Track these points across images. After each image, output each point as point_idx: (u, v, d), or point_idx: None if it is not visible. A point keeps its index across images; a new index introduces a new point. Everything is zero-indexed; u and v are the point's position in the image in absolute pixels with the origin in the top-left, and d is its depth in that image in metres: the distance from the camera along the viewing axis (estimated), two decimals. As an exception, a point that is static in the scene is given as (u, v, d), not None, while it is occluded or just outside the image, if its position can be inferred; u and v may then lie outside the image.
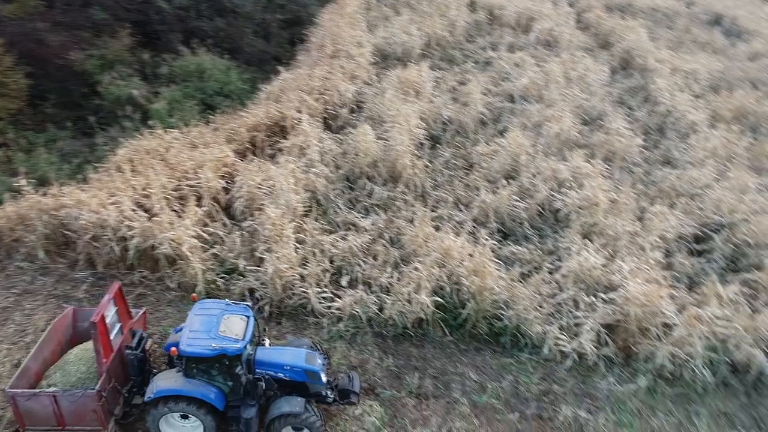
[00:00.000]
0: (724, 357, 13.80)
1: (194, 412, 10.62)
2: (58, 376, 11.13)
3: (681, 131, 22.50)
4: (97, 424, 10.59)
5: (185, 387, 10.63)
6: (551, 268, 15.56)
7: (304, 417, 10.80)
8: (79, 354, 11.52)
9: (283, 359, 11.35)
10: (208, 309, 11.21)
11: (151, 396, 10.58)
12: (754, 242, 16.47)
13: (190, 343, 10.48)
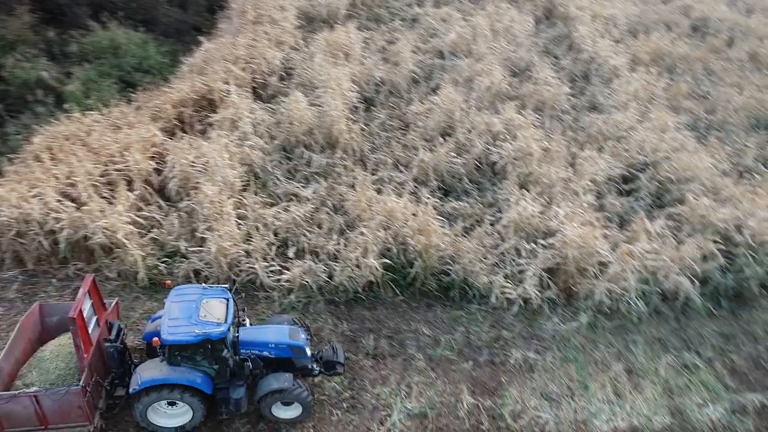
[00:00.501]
0: (654, 287, 14.82)
1: (182, 398, 10.54)
2: (34, 374, 10.70)
3: (604, 76, 23.27)
4: (82, 419, 10.35)
5: (171, 375, 10.47)
6: (492, 220, 16.01)
7: (293, 391, 10.93)
8: (55, 350, 11.09)
9: (268, 337, 11.37)
10: (186, 295, 10.98)
11: (136, 387, 10.37)
12: (676, 178, 17.50)
13: (171, 331, 10.26)
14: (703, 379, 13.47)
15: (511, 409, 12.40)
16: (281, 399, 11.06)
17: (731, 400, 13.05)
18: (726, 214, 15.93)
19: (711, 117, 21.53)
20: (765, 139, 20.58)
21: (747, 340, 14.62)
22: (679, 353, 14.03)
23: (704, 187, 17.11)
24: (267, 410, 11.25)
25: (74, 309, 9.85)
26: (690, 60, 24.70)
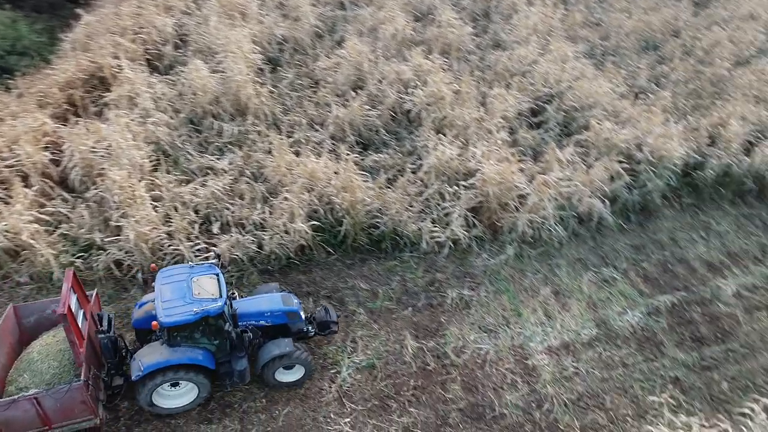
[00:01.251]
0: (570, 212, 15.73)
1: (186, 377, 10.55)
2: (26, 377, 10.32)
3: (504, 13, 23.65)
4: (87, 414, 10.17)
5: (173, 356, 10.40)
6: (414, 168, 16.20)
7: (294, 355, 11.20)
8: (43, 350, 10.69)
9: (262, 307, 11.56)
10: (174, 275, 10.87)
11: (140, 374, 10.23)
12: (579, 106, 18.34)
13: (168, 313, 10.15)
14: (620, 289, 14.64)
15: (453, 345, 12.97)
16: (283, 364, 11.29)
17: (647, 305, 14.33)
18: (627, 135, 16.96)
19: (605, 43, 22.55)
20: (654, 59, 21.87)
21: (655, 249, 15.96)
22: (598, 269, 15.12)
23: (606, 112, 18.07)
24: (270, 377, 11.43)
25: (63, 305, 9.59)
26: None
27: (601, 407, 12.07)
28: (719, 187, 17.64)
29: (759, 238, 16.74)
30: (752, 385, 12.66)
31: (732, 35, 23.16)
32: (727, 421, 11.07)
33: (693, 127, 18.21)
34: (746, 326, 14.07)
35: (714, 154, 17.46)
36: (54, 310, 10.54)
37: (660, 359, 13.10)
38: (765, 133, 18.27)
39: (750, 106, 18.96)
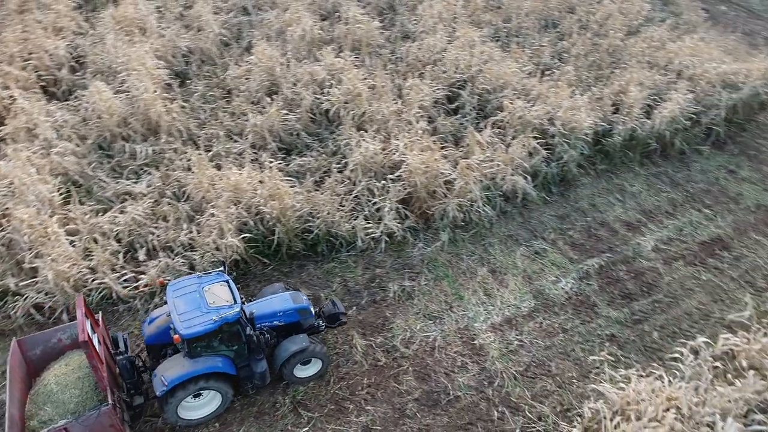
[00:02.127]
0: (496, 192, 16.23)
1: (209, 386, 10.62)
2: (49, 410, 10.13)
3: (409, 4, 23.94)
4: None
5: (195, 367, 10.43)
6: (339, 167, 16.16)
7: (310, 349, 11.42)
8: (60, 380, 10.48)
9: (274, 307, 11.70)
10: (185, 287, 10.82)
11: (165, 389, 10.22)
12: (492, 88, 18.89)
13: (187, 325, 10.14)
14: (551, 259, 15.28)
15: (401, 338, 13.10)
16: (301, 360, 11.50)
17: (577, 270, 15.03)
18: (538, 111, 17.64)
19: (508, 25, 23.29)
20: (555, 36, 22.85)
21: (578, 216, 16.76)
22: (529, 243, 15.71)
23: (516, 91, 18.70)
24: (290, 374, 11.62)
25: (82, 332, 9.50)
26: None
27: (548, 374, 12.57)
28: (627, 151, 18.74)
29: (668, 193, 17.94)
30: (679, 331, 13.59)
31: (621, 7, 24.58)
32: (660, 367, 11.81)
33: (597, 97, 19.21)
34: (667, 277, 15.06)
35: (619, 120, 18.51)
36: (60, 338, 10.83)
37: (595, 320, 13.80)
38: (661, 95, 19.54)
39: (645, 71, 20.24)
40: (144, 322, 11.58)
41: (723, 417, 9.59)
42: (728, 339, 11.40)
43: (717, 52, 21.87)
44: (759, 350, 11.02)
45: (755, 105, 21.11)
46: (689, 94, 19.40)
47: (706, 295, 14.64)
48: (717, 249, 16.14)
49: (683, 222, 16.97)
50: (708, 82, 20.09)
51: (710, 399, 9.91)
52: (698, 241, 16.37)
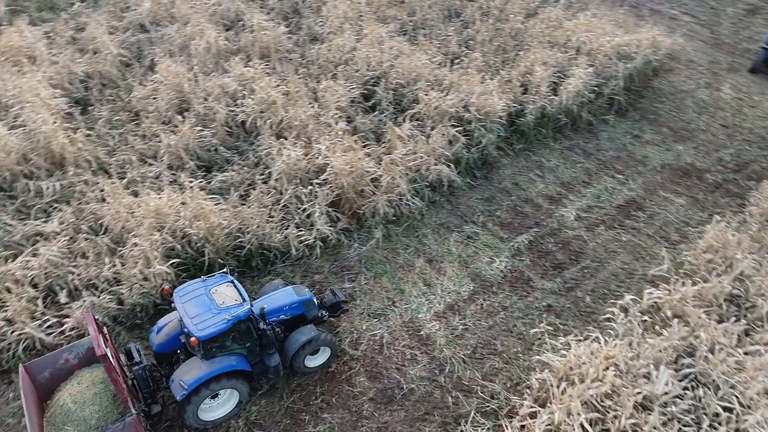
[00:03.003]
0: (423, 183, 16.46)
1: (227, 385, 10.75)
2: (70, 429, 10.03)
3: (313, 6, 23.85)
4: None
5: (212, 368, 10.52)
6: (264, 178, 15.85)
7: (320, 338, 11.68)
8: (77, 398, 10.38)
9: (280, 302, 11.87)
10: (192, 292, 10.91)
11: (185, 392, 10.30)
12: (405, 82, 19.14)
13: (201, 327, 10.25)
14: (483, 241, 15.71)
15: (348, 340, 13.05)
16: (311, 350, 11.73)
17: (509, 248, 15.54)
18: (453, 100, 18.05)
19: (413, 18, 23.69)
20: (459, 25, 23.46)
21: (503, 196, 17.32)
22: (461, 228, 16.06)
23: (430, 82, 19.06)
24: (301, 364, 11.86)
25: (98, 346, 9.48)
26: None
27: (494, 353, 12.94)
28: (540, 128, 19.56)
29: (582, 164, 18.89)
30: (608, 292, 14.36)
31: (517, -9, 25.59)
32: (596, 329, 12.45)
33: (506, 79, 19.90)
34: (591, 243, 15.87)
35: (529, 100, 19.26)
36: (67, 359, 10.78)
37: (532, 294, 14.33)
38: (564, 72, 20.51)
39: (547, 51, 21.16)
40: (151, 332, 11.59)
41: (656, 366, 10.22)
42: (652, 293, 12.17)
43: (609, 26, 23.22)
44: (679, 299, 11.83)
45: (649, 72, 22.61)
46: (589, 68, 20.48)
47: (627, 255, 15.54)
48: (632, 210, 17.17)
49: (599, 189, 17.92)
50: (605, 55, 21.30)
51: (643, 352, 10.54)
52: (615, 205, 17.35)
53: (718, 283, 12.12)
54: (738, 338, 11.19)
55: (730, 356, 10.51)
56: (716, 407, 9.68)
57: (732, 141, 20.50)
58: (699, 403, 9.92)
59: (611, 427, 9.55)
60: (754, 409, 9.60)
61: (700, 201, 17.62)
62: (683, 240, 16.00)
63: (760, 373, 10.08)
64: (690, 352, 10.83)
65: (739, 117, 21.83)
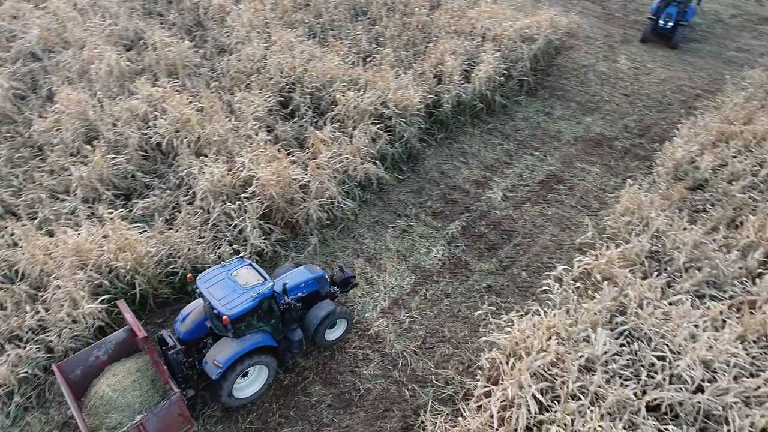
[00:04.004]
0: (352, 183, 16.50)
1: (258, 361, 11.19)
2: (115, 416, 10.36)
3: (216, 18, 23.24)
4: (184, 425, 10.69)
5: (243, 345, 10.91)
6: (189, 199, 15.34)
7: (337, 311, 12.26)
8: (117, 388, 10.67)
9: (296, 280, 12.28)
10: (214, 277, 11.28)
11: (220, 371, 10.69)
12: (321, 85, 19.05)
13: (230, 306, 10.62)
14: (418, 233, 15.97)
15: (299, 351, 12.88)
16: (330, 323, 12.25)
17: (444, 236, 15.88)
18: (371, 98, 18.18)
19: (320, 20, 23.61)
20: (367, 23, 23.62)
21: (432, 186, 17.67)
22: (395, 223, 16.25)
23: (345, 83, 19.08)
24: (322, 338, 12.43)
25: (139, 330, 9.90)
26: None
27: (443, 340, 13.21)
28: (458, 116, 20.09)
29: (502, 145, 19.59)
30: (542, 265, 15.01)
31: (419, -15, 26.07)
32: (535, 302, 12.99)
33: (420, 72, 20.27)
34: (520, 220, 16.51)
35: (444, 89, 19.73)
36: (97, 356, 11.08)
37: (471, 277, 14.74)
38: (474, 60, 21.14)
39: (454, 40, 21.73)
40: (175, 322, 11.85)
41: (593, 329, 10.81)
42: (581, 261, 12.82)
43: (509, 11, 24.15)
44: (606, 263, 12.54)
45: (552, 51, 23.74)
46: (496, 53, 21.23)
47: (555, 227, 16.29)
48: (553, 184, 18.00)
49: (521, 168, 18.66)
50: (509, 40, 22.14)
51: (580, 317, 11.11)
52: (537, 181, 18.12)
53: (638, 243, 12.94)
54: (662, 291, 12.01)
55: (657, 309, 11.27)
56: (651, 358, 10.37)
57: (633, 108, 21.92)
58: (636, 357, 10.57)
59: (560, 393, 10.01)
60: (683, 353, 10.36)
61: (612, 167, 18.73)
62: (603, 206, 16.97)
63: (684, 320, 10.88)
64: (622, 310, 11.51)
65: (636, 85, 23.36)
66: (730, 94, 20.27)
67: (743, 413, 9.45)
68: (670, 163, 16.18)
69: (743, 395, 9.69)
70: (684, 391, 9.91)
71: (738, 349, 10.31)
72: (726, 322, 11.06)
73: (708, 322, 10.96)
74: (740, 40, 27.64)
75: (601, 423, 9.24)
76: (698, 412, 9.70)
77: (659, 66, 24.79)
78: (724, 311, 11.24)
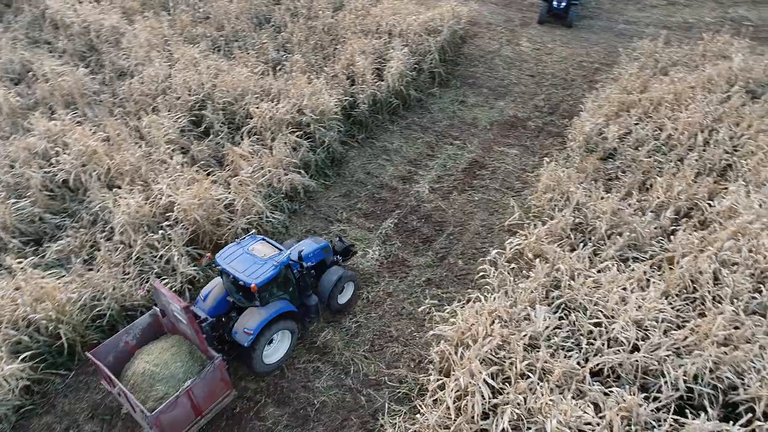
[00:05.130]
0: (279, 196, 16.18)
1: (283, 326, 12.04)
2: (161, 387, 10.77)
3: (110, 40, 22.10)
4: (225, 390, 11.41)
5: (269, 312, 11.68)
6: (107, 235, 14.49)
7: (346, 275, 13.32)
8: (155, 362, 11.06)
9: (306, 251, 12.87)
10: (234, 253, 12.00)
11: (252, 337, 11.40)
12: (232, 99, 18.53)
13: (255, 276, 11.34)
14: (353, 236, 15.85)
15: (248, 378, 12.49)
16: (340, 287, 13.26)
17: (378, 237, 15.89)
18: (286, 106, 17.88)
19: (224, 32, 23.00)
20: (271, 30, 23.22)
21: (359, 188, 17.65)
22: (328, 230, 16.08)
23: (258, 94, 18.67)
24: (335, 303, 13.41)
25: (178, 301, 10.37)
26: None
27: (392, 339, 13.23)
28: (376, 115, 20.18)
29: (423, 139, 19.87)
30: (476, 251, 15.34)
31: (319, -13, 25.91)
32: (474, 289, 13.26)
33: (332, 75, 20.17)
34: (449, 210, 16.81)
35: (358, 90, 19.74)
36: (126, 341, 11.56)
37: (410, 273, 14.84)
38: (384, 57, 21.28)
39: (362, 40, 21.76)
40: (196, 302, 12.31)
41: (532, 307, 11.17)
42: (512, 242, 13.21)
43: (412, 5, 24.49)
44: (535, 240, 13.00)
45: (458, 41, 24.32)
46: (405, 48, 21.46)
47: (483, 212, 16.71)
48: (476, 170, 18.45)
49: (443, 158, 19.00)
50: (415, 34, 22.45)
51: (518, 297, 11.45)
52: (461, 169, 18.51)
53: (561, 218, 13.49)
54: (589, 260, 12.59)
55: (587, 278, 11.80)
56: (589, 326, 10.85)
57: (541, 88, 22.84)
58: (575, 327, 11.03)
59: (510, 374, 10.28)
60: (617, 317, 10.91)
61: (529, 147, 19.45)
62: (525, 185, 17.57)
63: (613, 286, 11.46)
64: (556, 284, 11.97)
65: (541, 65, 24.37)
66: (625, 65, 21.52)
67: (676, 364, 10.07)
68: (581, 137, 16.98)
69: (674, 347, 10.33)
70: (622, 352, 10.43)
71: (664, 305, 10.98)
72: (650, 281, 11.74)
73: (634, 283, 11.60)
74: (627, 13, 29.45)
75: (552, 397, 9.57)
76: (637, 369, 10.25)
77: (559, 45, 25.97)
78: (647, 271, 11.93)
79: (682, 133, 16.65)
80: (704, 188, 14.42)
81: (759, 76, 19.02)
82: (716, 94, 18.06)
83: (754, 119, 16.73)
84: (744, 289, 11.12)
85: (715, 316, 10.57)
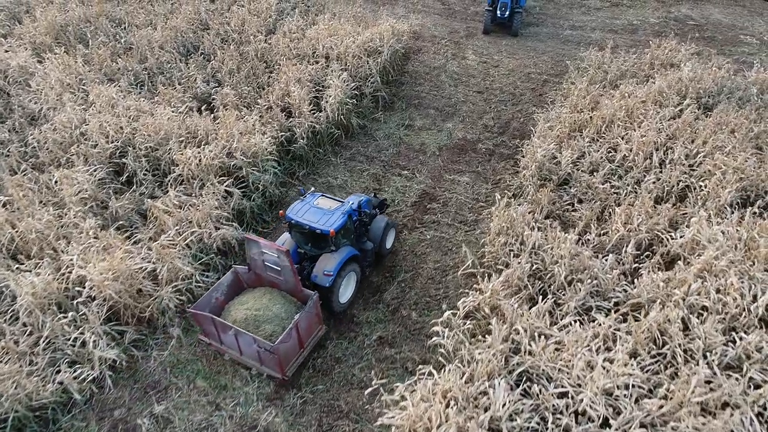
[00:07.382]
0: (210, 254, 14.60)
1: (351, 268, 13.25)
2: (268, 327, 11.86)
3: (19, 81, 20.03)
4: (318, 325, 12.66)
5: (342, 254, 12.94)
6: (9, 319, 12.67)
7: (391, 222, 14.92)
8: (255, 308, 12.18)
9: (361, 202, 14.08)
10: (301, 209, 13.15)
11: (332, 277, 12.58)
12: (155, 144, 16.71)
13: (330, 223, 12.62)
14: (295, 293, 14.44)
15: (177, 476, 10.97)
16: (387, 233, 14.64)
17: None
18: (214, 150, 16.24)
19: (147, 65, 21.17)
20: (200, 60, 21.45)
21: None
22: (267, 288, 14.60)
23: (183, 137, 16.98)
24: (385, 248, 14.88)
25: (278, 246, 11.70)
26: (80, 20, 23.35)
27: (342, 415, 11.92)
28: (317, 148, 18.78)
29: (368, 170, 18.58)
30: (430, 299, 14.13)
31: (250, 9, 24.33)
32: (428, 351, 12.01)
33: (266, 107, 18.66)
34: (400, 252, 15.55)
35: (295, 123, 18.29)
36: (216, 298, 12.57)
37: (360, 332, 13.50)
38: (321, 84, 19.88)
39: (298, 66, 20.29)
40: None
41: (491, 382, 9.98)
42: (466, 300, 12.00)
43: (348, 26, 23.12)
44: (489, 295, 11.84)
45: (399, 60, 23.06)
46: (343, 73, 20.10)
47: (436, 253, 15.52)
48: (426, 203, 17.27)
49: (392, 191, 17.75)
50: (354, 56, 21.11)
51: (476, 371, 10.25)
52: (410, 204, 17.29)
53: (517, 265, 12.38)
54: (550, 314, 11.52)
55: (548, 339, 10.71)
56: (553, 400, 9.74)
57: (489, 105, 21.85)
58: (539, 400, 9.91)
59: (471, 465, 9.07)
60: (584, 385, 9.84)
61: (481, 173, 18.38)
62: (478, 218, 16.47)
63: (576, 347, 10.40)
64: (515, 349, 10.84)
65: (488, 80, 23.40)
66: (574, 79, 20.70)
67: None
68: (533, 166, 15.97)
69: (648, 420, 9.33)
70: (592, 427, 9.37)
71: (633, 367, 9.97)
72: (617, 338, 10.74)
73: (600, 342, 10.57)
74: (572, 18, 28.84)
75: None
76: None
77: (505, 56, 25.08)
78: (612, 325, 10.92)
79: (637, 153, 15.85)
80: (664, 218, 13.57)
81: (709, 86, 18.44)
82: (668, 108, 17.35)
83: (708, 135, 16.05)
84: (717, 342, 10.21)
85: (689, 377, 9.61)
